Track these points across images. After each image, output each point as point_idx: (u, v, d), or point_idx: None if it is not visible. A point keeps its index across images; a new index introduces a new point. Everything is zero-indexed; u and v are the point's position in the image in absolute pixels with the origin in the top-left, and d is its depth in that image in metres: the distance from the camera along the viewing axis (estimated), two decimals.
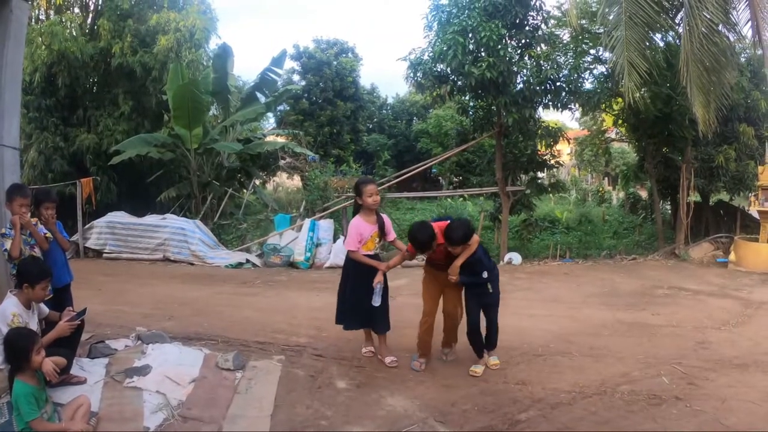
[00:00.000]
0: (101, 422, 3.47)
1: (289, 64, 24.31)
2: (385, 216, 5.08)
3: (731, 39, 8.24)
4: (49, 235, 4.34)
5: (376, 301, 4.65)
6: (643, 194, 17.13)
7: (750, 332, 6.11)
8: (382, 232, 4.96)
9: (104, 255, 11.30)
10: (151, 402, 3.78)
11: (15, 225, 4.03)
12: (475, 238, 4.63)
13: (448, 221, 4.65)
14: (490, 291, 4.76)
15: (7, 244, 4.03)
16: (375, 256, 4.96)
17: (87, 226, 11.67)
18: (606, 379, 4.67)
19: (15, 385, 3.16)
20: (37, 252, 4.24)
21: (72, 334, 3.85)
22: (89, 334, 4.99)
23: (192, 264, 10.91)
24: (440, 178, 24.93)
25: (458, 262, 4.57)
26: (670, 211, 14.03)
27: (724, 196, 13.83)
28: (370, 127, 27.97)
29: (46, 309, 3.97)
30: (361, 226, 4.85)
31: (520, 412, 4.05)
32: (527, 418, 3.97)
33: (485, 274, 4.68)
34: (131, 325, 5.81)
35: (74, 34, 13.21)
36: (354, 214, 5.07)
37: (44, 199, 4.41)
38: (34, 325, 3.71)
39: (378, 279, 4.70)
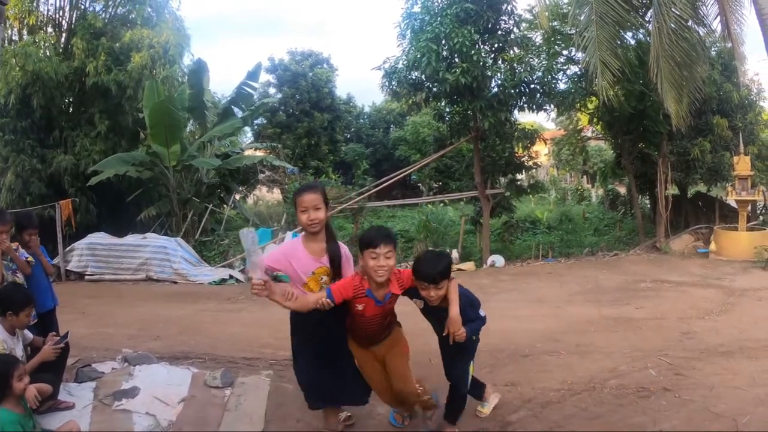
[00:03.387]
0: None
1: (265, 77, 24.28)
2: (344, 248, 3.51)
3: (701, 33, 8.40)
4: (30, 259, 4.29)
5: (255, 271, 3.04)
6: (622, 190, 17.41)
7: (733, 320, 6.24)
8: (335, 271, 3.37)
9: (86, 277, 11.15)
10: (141, 424, 3.73)
11: None
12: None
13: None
14: (474, 338, 3.50)
15: None
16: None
17: (68, 248, 11.50)
18: (594, 375, 4.71)
19: (1, 414, 3.08)
20: (19, 277, 4.19)
21: (57, 358, 3.79)
22: (75, 358, 4.91)
23: (175, 282, 10.81)
24: (420, 184, 25.03)
25: (455, 306, 3.20)
26: (649, 206, 14.26)
27: (702, 188, 14.09)
28: (348, 137, 27.98)
29: (30, 335, 3.91)
30: (291, 252, 3.37)
31: (511, 413, 4.06)
32: (518, 418, 3.98)
33: (482, 311, 3.52)
34: (117, 347, 5.73)
35: (48, 54, 13.05)
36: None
37: (27, 225, 4.38)
38: (19, 352, 3.65)
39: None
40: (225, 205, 16.38)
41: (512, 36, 11.03)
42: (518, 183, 12.95)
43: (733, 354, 5.06)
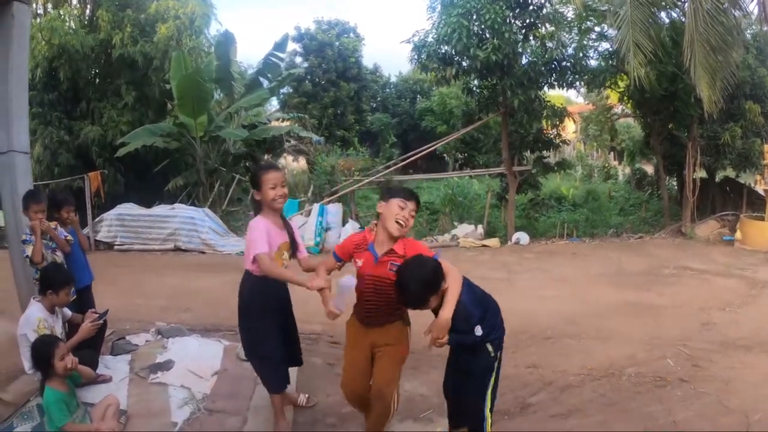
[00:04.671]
0: (130, 419, 3.61)
1: (291, 46, 24.06)
2: (292, 221, 3.82)
3: (737, 16, 8.14)
4: (69, 237, 4.42)
5: (340, 305, 3.07)
6: (649, 170, 17.11)
7: (754, 313, 6.19)
8: (292, 244, 3.56)
9: (115, 247, 11.46)
10: (176, 397, 3.91)
11: (35, 231, 4.10)
12: (455, 273, 2.96)
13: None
14: (492, 355, 3.00)
15: (29, 251, 4.10)
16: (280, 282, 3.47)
17: (97, 219, 11.81)
18: (613, 361, 4.79)
19: (45, 393, 3.24)
20: (59, 255, 4.32)
21: (95, 334, 3.98)
22: (110, 331, 5.10)
23: (203, 252, 11.07)
24: (445, 155, 24.85)
25: (448, 310, 2.84)
26: (676, 188, 14.03)
27: (731, 173, 13.80)
28: (374, 106, 27.80)
29: (69, 312, 4.07)
30: (269, 228, 3.37)
31: (531, 396, 4.19)
32: (538, 401, 4.11)
33: (479, 330, 2.91)
34: (149, 318, 5.94)
35: (73, 27, 13.20)
36: (256, 213, 3.53)
37: (64, 203, 4.53)
38: (58, 329, 3.83)
39: (317, 283, 3.09)
40: None
41: (544, 11, 10.78)
42: (545, 160, 12.83)
43: (752, 348, 5.05)
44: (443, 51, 10.72)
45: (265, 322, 3.47)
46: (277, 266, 3.29)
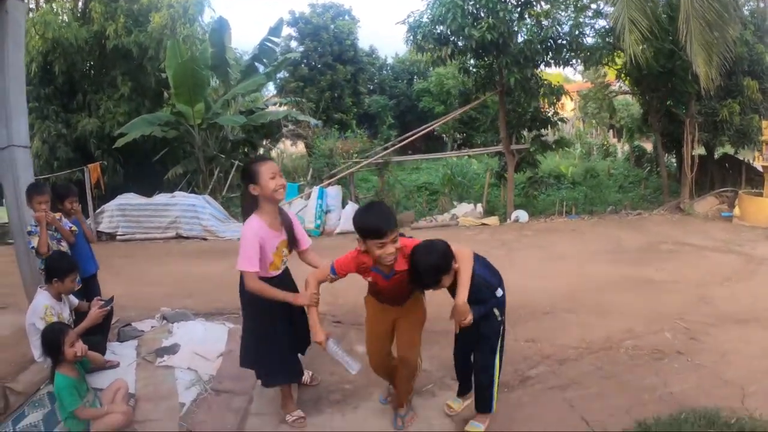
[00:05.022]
0: (139, 402, 3.71)
1: (286, 30, 23.93)
2: (291, 213, 3.66)
3: None
4: (74, 228, 4.51)
5: (353, 368, 3.13)
6: (648, 147, 17.12)
7: (751, 288, 6.22)
8: (291, 241, 3.45)
9: (118, 237, 11.54)
10: (183, 379, 4.01)
11: (40, 222, 4.17)
12: (464, 252, 3.04)
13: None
14: (499, 318, 3.25)
15: (34, 242, 4.17)
16: (284, 276, 3.52)
17: (98, 210, 11.89)
18: (611, 335, 4.87)
19: (56, 379, 3.33)
20: (63, 246, 4.40)
21: (102, 321, 4.07)
22: (115, 318, 5.18)
23: (205, 239, 11.16)
24: (444, 136, 24.85)
25: (463, 293, 2.94)
26: (675, 164, 14.05)
27: (729, 150, 13.82)
28: (371, 88, 27.70)
29: (75, 300, 4.16)
30: (261, 232, 3.22)
31: (530, 368, 4.27)
32: (537, 373, 4.19)
33: (499, 291, 3.24)
34: (154, 305, 5.98)
35: (67, 20, 13.14)
36: (245, 213, 3.33)
37: (67, 194, 4.60)
38: (66, 315, 3.92)
39: (318, 337, 3.13)
40: None
41: None
42: (543, 138, 12.84)
43: (748, 322, 5.09)
44: (438, 31, 10.70)
45: (266, 319, 3.42)
46: (261, 286, 3.20)
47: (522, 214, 11.51)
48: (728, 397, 3.65)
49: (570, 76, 27.57)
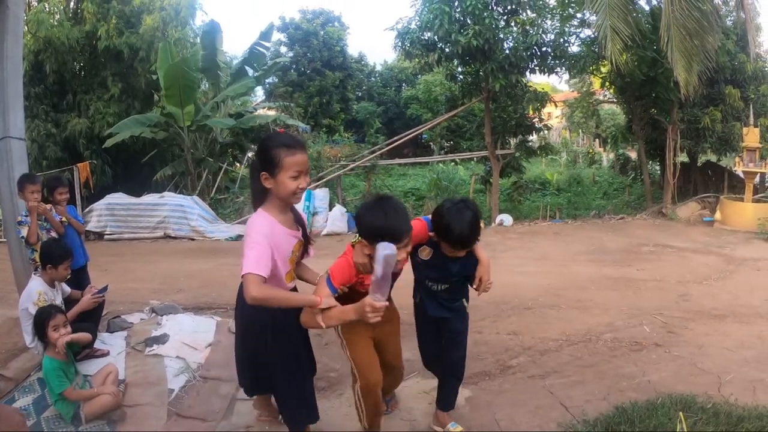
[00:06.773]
0: (129, 388, 3.76)
1: (276, 36, 24.16)
2: (301, 212, 3.01)
3: (714, 3, 8.34)
4: (64, 219, 4.58)
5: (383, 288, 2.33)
6: (633, 155, 17.38)
7: (730, 286, 6.40)
8: (305, 242, 2.78)
9: (106, 237, 11.52)
10: (172, 366, 4.06)
11: (32, 212, 4.23)
12: None
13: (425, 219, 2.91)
14: (467, 311, 3.24)
15: (24, 231, 4.24)
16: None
17: (86, 209, 11.86)
18: (591, 328, 5.00)
19: (44, 361, 3.37)
20: (53, 237, 4.44)
21: (94, 310, 4.13)
22: (105, 311, 5.24)
23: (193, 239, 11.18)
24: (431, 143, 25.07)
25: (485, 255, 2.88)
26: (659, 171, 14.31)
27: (712, 157, 14.10)
28: (360, 95, 27.92)
29: (68, 288, 4.21)
30: (276, 230, 2.51)
31: (512, 359, 4.39)
32: (518, 363, 4.30)
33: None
34: (143, 300, 6.05)
35: (59, 19, 13.13)
36: (256, 204, 2.57)
37: (57, 185, 4.66)
38: (59, 302, 3.95)
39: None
40: (238, 164, 16.64)
41: None
42: (528, 144, 13.04)
43: (726, 317, 5.24)
44: (426, 37, 10.91)
45: (275, 346, 2.73)
46: (270, 293, 2.31)
47: (506, 218, 11.68)
48: (705, 384, 3.76)
49: (557, 85, 27.88)
